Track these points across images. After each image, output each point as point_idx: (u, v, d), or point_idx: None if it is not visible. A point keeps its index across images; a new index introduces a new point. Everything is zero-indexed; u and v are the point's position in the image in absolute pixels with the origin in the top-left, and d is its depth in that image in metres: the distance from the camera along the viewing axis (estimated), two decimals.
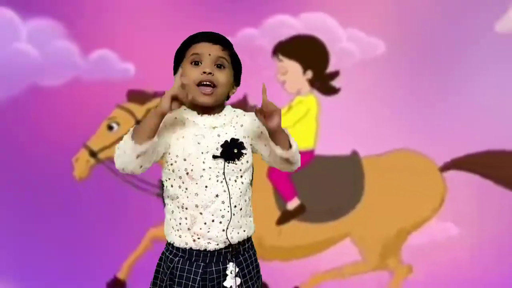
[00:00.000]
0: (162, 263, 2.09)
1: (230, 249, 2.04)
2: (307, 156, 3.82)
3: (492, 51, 3.81)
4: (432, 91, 3.81)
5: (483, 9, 3.83)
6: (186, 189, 2.01)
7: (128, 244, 3.85)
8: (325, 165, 3.83)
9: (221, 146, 2.01)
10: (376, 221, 3.82)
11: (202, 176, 1.99)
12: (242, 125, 2.09)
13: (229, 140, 2.02)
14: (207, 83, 2.01)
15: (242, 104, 3.82)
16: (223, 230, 2.01)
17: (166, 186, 2.06)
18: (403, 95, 3.81)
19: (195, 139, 2.01)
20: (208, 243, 2.01)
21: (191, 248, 2.02)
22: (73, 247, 3.83)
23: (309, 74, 3.85)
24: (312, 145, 3.82)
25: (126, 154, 1.94)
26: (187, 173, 1.99)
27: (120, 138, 3.78)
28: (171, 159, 2.02)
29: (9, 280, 3.90)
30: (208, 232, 2.00)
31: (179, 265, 2.03)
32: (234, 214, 2.01)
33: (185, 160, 2.00)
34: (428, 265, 3.84)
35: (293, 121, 3.82)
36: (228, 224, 2.01)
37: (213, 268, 2.03)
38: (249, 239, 2.12)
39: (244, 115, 2.13)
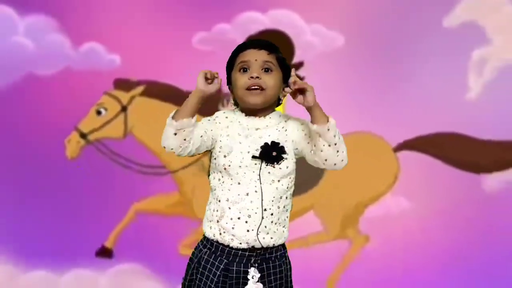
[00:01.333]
0: (196, 251, 2.15)
1: (254, 253, 2.06)
2: None
3: (440, 44, 4.12)
4: (386, 79, 4.16)
5: (432, 6, 4.15)
6: (223, 182, 2.06)
7: (115, 217, 4.17)
8: None
9: (261, 147, 2.04)
10: (336, 195, 4.17)
11: (237, 173, 2.03)
12: (286, 130, 2.11)
13: (269, 143, 2.04)
14: (255, 87, 2.06)
15: (216, 92, 4.14)
16: (247, 231, 2.03)
17: (209, 178, 2.14)
18: (360, 83, 4.16)
19: (238, 138, 2.07)
20: (231, 239, 2.04)
21: (217, 241, 2.07)
22: (65, 219, 4.17)
23: None
24: None
25: (166, 131, 2.01)
26: (225, 169, 2.05)
27: (107, 122, 4.18)
28: (215, 153, 2.09)
29: (5, 249, 4.23)
30: (233, 228, 2.03)
31: (205, 256, 2.07)
32: (262, 218, 2.02)
33: (225, 156, 2.05)
34: (382, 234, 4.18)
35: None
36: (255, 226, 2.03)
37: (234, 268, 2.05)
38: (278, 249, 2.11)
39: (290, 120, 2.14)
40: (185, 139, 2.01)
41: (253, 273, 2.04)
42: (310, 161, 2.10)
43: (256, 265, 2.05)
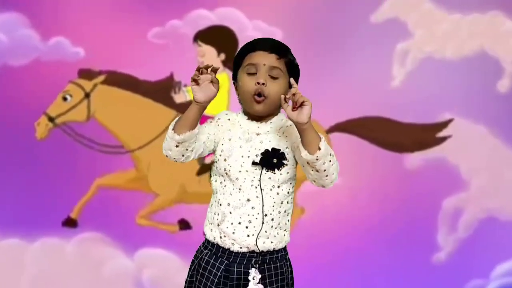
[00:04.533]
0: (197, 253, 2.13)
1: (255, 255, 2.03)
2: None
3: (368, 37, 4.44)
4: (320, 69, 4.47)
5: (360, 3, 4.47)
6: (225, 186, 2.03)
7: (79, 191, 4.45)
8: None
9: (261, 154, 1.98)
10: None
11: (237, 178, 1.99)
12: (286, 136, 2.04)
13: (270, 149, 1.99)
14: (260, 95, 2.00)
15: (169, 81, 4.41)
16: (248, 236, 2.00)
17: (211, 181, 2.12)
18: None
19: (238, 142, 2.02)
20: (232, 243, 2.01)
21: (217, 244, 2.04)
22: (35, 193, 4.45)
23: (222, 56, 4.42)
24: None
25: (167, 142, 1.96)
26: (226, 173, 2.02)
27: (72, 107, 4.55)
28: (216, 157, 2.06)
29: None
30: (233, 233, 2.00)
31: (206, 257, 2.05)
32: (263, 223, 1.99)
33: (225, 160, 2.02)
34: (316, 207, 4.49)
35: None
36: (255, 231, 2.00)
37: (235, 269, 2.02)
38: (278, 251, 2.07)
39: (291, 124, 2.02)
40: (187, 149, 1.97)
41: (254, 274, 2.01)
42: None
43: (257, 266, 2.02)
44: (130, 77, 4.44)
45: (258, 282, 2.01)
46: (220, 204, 2.03)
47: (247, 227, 1.99)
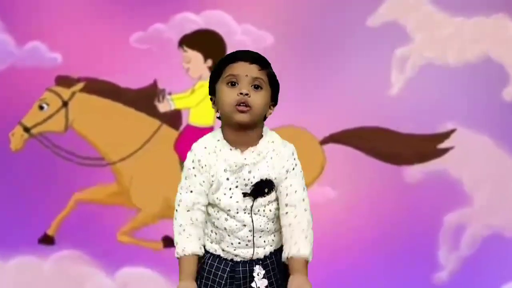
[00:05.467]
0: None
1: (257, 260, 2.09)
2: (207, 131, 3.81)
3: (364, 42, 4.29)
4: (313, 76, 4.32)
5: (356, 6, 4.32)
6: (218, 212, 2.03)
7: (57, 206, 4.31)
8: None
9: (253, 185, 1.99)
10: None
11: (229, 210, 2.01)
12: (274, 166, 2.02)
13: (260, 180, 1.99)
14: (243, 105, 1.95)
15: (153, 88, 4.32)
16: (248, 250, 2.06)
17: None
18: (289, 80, 4.20)
19: (224, 175, 2.00)
20: (235, 255, 2.06)
21: (219, 255, 2.08)
22: (9, 208, 4.32)
23: (209, 62, 4.30)
24: (211, 122, 4.28)
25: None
26: (216, 204, 2.01)
27: (49, 117, 4.34)
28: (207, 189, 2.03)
29: None
30: (234, 250, 2.05)
31: (209, 261, 2.07)
32: (260, 237, 2.04)
33: (213, 194, 2.01)
34: None
35: (196, 102, 4.29)
36: (255, 245, 2.05)
37: (240, 268, 2.06)
38: (278, 250, 2.11)
39: (279, 152, 2.03)
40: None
41: (258, 270, 2.05)
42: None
43: (261, 262, 2.07)
44: (110, 84, 4.34)
45: (263, 277, 2.05)
46: (217, 227, 2.05)
47: (247, 244, 2.04)
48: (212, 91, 2.06)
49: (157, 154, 4.32)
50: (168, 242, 4.30)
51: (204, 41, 4.34)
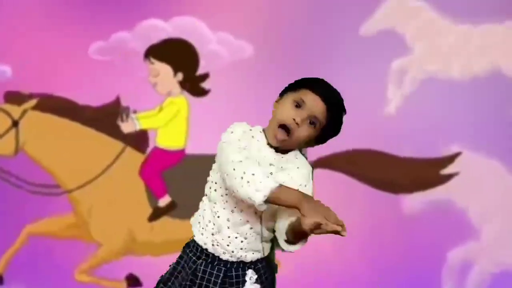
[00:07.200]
0: (185, 256, 2.19)
1: (248, 264, 2.15)
2: (178, 155, 4.09)
3: (356, 53, 4.08)
4: None
5: (347, 12, 4.11)
6: (226, 202, 2.11)
7: (5, 240, 4.14)
8: (195, 163, 4.02)
9: None
10: None
11: (243, 201, 2.03)
12: (293, 175, 2.13)
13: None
14: (287, 130, 2.08)
15: (115, 106, 4.16)
16: (241, 249, 2.12)
17: (210, 188, 2.15)
18: (269, 95, 3.91)
19: None
20: (223, 253, 2.12)
21: (207, 250, 2.14)
22: None
23: (180, 76, 4.11)
24: (183, 144, 4.11)
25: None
26: (233, 192, 2.05)
27: None
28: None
29: None
30: (228, 246, 2.11)
31: (202, 267, 2.14)
32: (256, 239, 2.13)
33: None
34: (294, 259, 3.95)
35: (165, 121, 4.11)
36: (248, 246, 2.12)
37: (233, 273, 2.14)
38: (265, 257, 2.22)
39: (299, 167, 2.17)
40: None
41: (251, 275, 2.14)
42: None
43: (253, 266, 2.16)
44: (67, 101, 4.17)
45: (255, 282, 2.15)
46: (218, 216, 2.12)
47: (242, 241, 2.12)
48: (282, 93, 2.20)
49: (120, 181, 4.17)
50: (133, 281, 4.27)
51: (173, 52, 4.18)
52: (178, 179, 4.04)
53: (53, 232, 4.15)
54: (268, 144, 2.13)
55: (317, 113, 2.10)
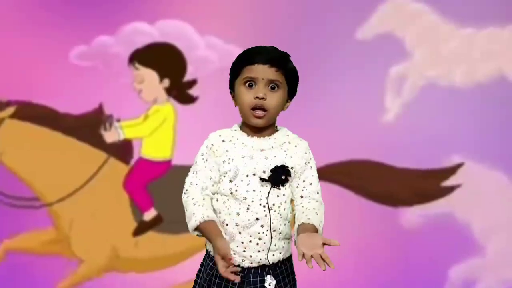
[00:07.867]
0: (202, 269, 2.19)
1: (266, 268, 2.13)
2: (164, 166, 4.02)
3: (352, 59, 4.05)
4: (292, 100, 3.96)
5: (342, 15, 4.08)
6: (229, 207, 2.12)
7: None
8: (183, 175, 3.86)
9: (271, 170, 2.11)
10: None
11: (245, 198, 2.09)
12: (291, 156, 2.15)
13: (279, 165, 2.11)
14: (259, 108, 2.12)
15: (98, 114, 4.11)
16: (259, 251, 2.11)
17: (211, 199, 2.16)
18: None
19: (242, 160, 2.12)
20: (243, 260, 2.11)
21: None
22: None
23: (166, 82, 4.07)
24: (169, 154, 4.05)
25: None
26: (231, 193, 2.10)
27: None
28: (220, 177, 2.14)
29: None
30: (244, 251, 2.10)
31: (219, 274, 2.09)
32: (272, 238, 2.11)
33: (230, 181, 2.11)
34: None
35: (150, 130, 4.06)
36: (265, 246, 2.10)
37: (251, 279, 2.12)
38: (287, 259, 2.20)
39: (297, 144, 2.20)
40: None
41: (270, 281, 2.12)
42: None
43: (271, 271, 2.13)
44: (47, 109, 4.14)
45: None
46: (227, 225, 2.11)
47: (257, 243, 2.11)
48: (232, 86, 2.24)
49: (103, 193, 4.12)
50: None
51: (159, 57, 4.16)
52: (164, 192, 3.96)
53: (32, 248, 4.12)
54: (248, 135, 2.17)
55: (269, 77, 2.14)
